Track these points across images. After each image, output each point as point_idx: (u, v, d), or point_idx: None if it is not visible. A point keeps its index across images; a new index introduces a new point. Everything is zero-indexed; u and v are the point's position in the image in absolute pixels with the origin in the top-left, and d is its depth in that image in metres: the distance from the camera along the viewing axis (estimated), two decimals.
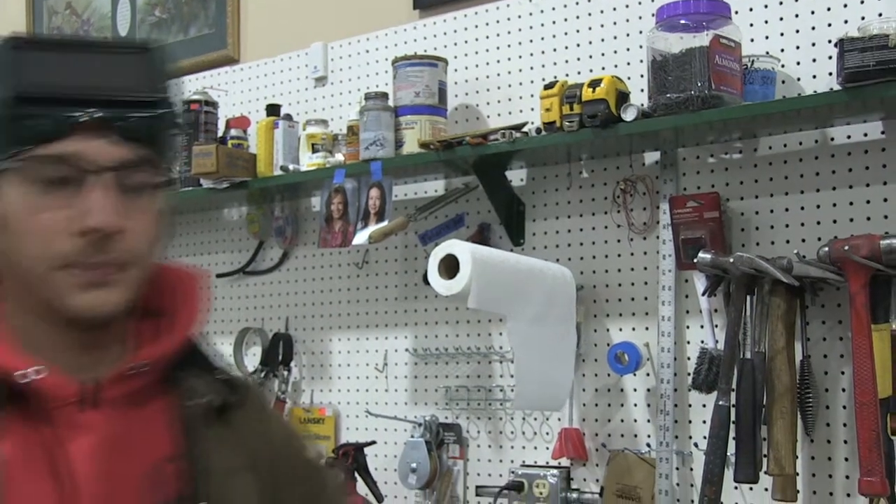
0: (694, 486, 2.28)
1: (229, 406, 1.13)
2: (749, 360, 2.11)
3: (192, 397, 1.11)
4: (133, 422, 1.07)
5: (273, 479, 1.14)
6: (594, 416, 2.45)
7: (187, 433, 1.09)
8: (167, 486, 1.06)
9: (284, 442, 1.20)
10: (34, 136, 1.00)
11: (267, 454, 1.15)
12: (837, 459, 2.12)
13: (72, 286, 1.01)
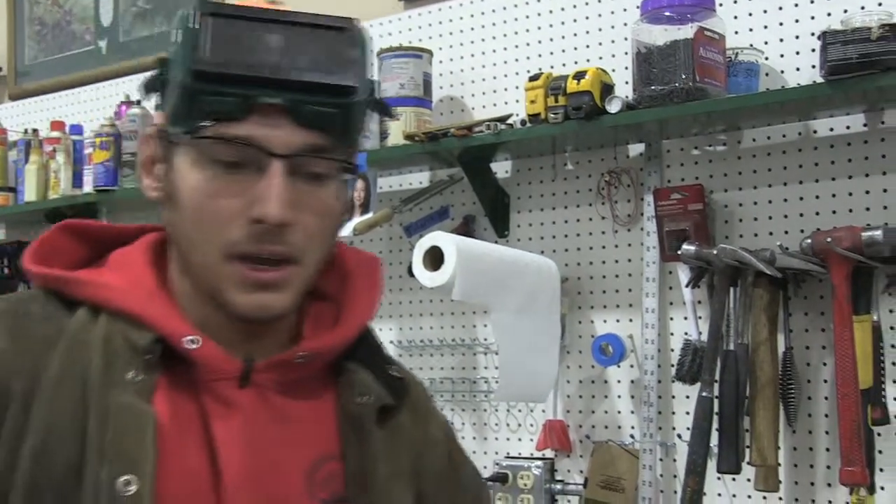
0: (677, 476, 2.29)
1: (398, 406, 1.06)
2: (732, 351, 2.12)
3: (363, 394, 1.04)
4: (292, 410, 1.02)
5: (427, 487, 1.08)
6: (578, 408, 2.46)
7: (354, 432, 1.02)
8: (326, 484, 1.01)
9: (445, 450, 1.14)
10: (213, 114, 0.94)
11: (426, 461, 1.09)
12: (819, 450, 2.14)
13: (239, 284, 0.96)
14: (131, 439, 0.91)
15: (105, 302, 0.98)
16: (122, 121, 3.13)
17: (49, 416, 0.91)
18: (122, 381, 0.93)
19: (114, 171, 3.09)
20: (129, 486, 0.89)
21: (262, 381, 1.00)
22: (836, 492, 2.09)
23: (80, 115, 3.45)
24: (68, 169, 3.22)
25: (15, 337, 0.95)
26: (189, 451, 0.96)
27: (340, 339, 1.05)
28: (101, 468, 0.89)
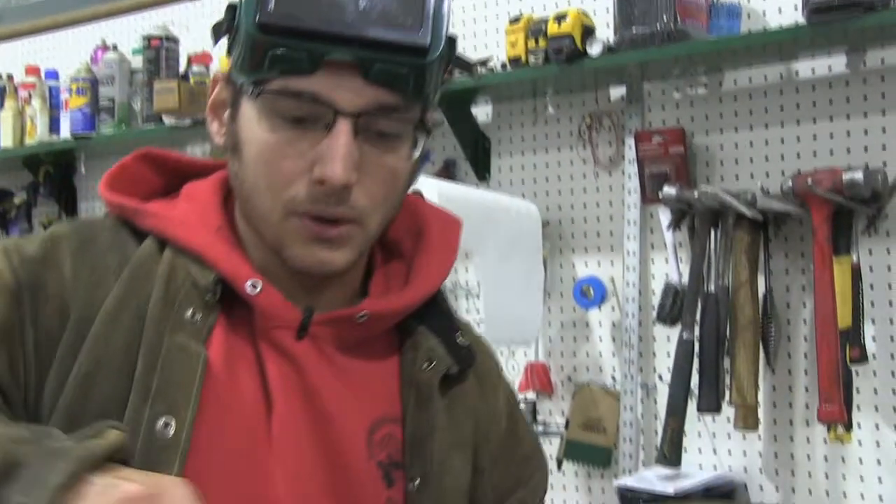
0: (658, 417, 2.32)
1: (463, 376, 1.02)
2: (713, 293, 2.14)
3: (429, 361, 1.00)
4: (352, 367, 0.98)
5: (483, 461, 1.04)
6: (560, 350, 2.48)
7: (416, 399, 0.98)
8: (383, 446, 0.97)
9: (506, 424, 1.08)
10: (279, 67, 0.90)
11: (487, 434, 1.04)
12: (798, 389, 2.16)
13: (299, 238, 0.93)
14: (178, 382, 0.89)
15: (171, 237, 0.96)
16: (98, 66, 3.09)
17: (102, 347, 0.90)
18: (180, 320, 0.92)
19: (91, 116, 3.06)
20: (167, 428, 0.87)
21: (322, 335, 0.97)
22: (814, 429, 2.12)
23: (55, 59, 3.40)
24: (44, 115, 3.18)
25: (78, 262, 0.94)
26: (242, 395, 0.93)
27: (406, 303, 1.01)
28: (144, 407, 0.88)
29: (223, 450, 0.91)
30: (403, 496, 0.97)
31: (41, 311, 0.91)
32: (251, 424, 0.93)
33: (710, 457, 2.25)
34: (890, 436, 2.06)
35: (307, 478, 0.93)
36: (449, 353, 1.01)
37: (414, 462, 0.97)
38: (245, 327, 0.95)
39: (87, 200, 3.38)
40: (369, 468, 0.96)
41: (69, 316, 0.91)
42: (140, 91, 3.01)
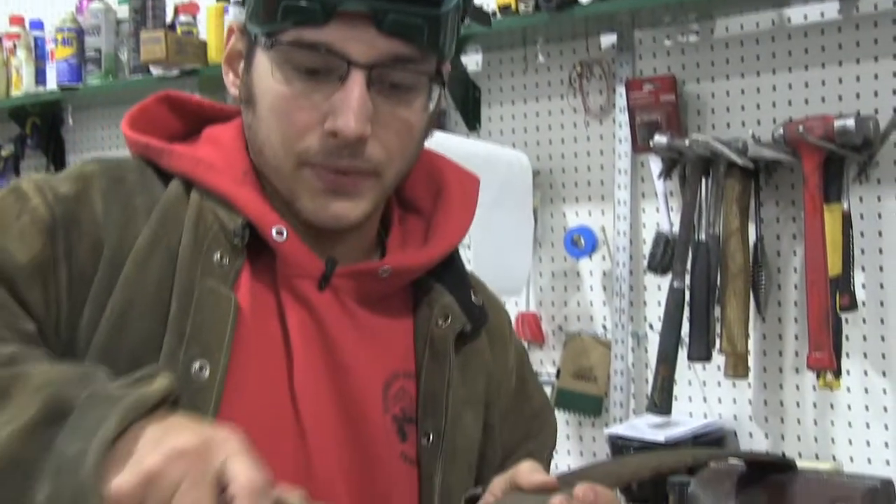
0: (648, 366, 2.33)
1: (477, 334, 1.02)
2: (704, 242, 2.14)
3: (444, 318, 0.99)
4: (370, 321, 0.98)
5: (493, 418, 1.04)
6: (550, 300, 2.48)
7: (431, 354, 0.98)
8: (397, 400, 0.98)
9: (516, 381, 1.09)
10: (292, 17, 0.89)
11: (498, 391, 1.05)
12: (788, 337, 2.17)
13: (312, 190, 0.93)
14: (211, 326, 0.89)
15: (199, 178, 0.95)
16: (84, 16, 3.05)
17: (134, 287, 0.90)
18: (210, 263, 0.92)
19: (77, 67, 3.03)
20: (202, 370, 0.88)
21: (342, 287, 0.97)
22: (803, 377, 2.13)
23: (39, 9, 3.36)
24: (30, 65, 3.15)
25: (109, 201, 0.93)
26: (265, 343, 0.94)
27: (427, 260, 1.00)
28: (179, 349, 0.88)
29: (251, 395, 0.92)
30: (416, 451, 0.98)
31: (75, 248, 0.90)
32: (274, 371, 0.94)
33: (701, 405, 2.26)
34: (878, 382, 2.07)
35: (326, 428, 0.94)
36: (463, 311, 1.01)
37: (427, 417, 0.98)
38: (268, 275, 0.95)
39: (76, 153, 3.36)
40: (385, 421, 0.97)
41: (102, 254, 0.91)
42: (126, 41, 2.98)
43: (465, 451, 1.00)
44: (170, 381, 0.76)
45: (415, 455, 0.98)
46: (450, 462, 0.98)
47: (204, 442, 0.70)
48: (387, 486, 0.96)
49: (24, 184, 0.94)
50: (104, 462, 0.68)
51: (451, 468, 0.98)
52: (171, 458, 0.68)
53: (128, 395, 0.73)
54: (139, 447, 0.69)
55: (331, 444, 0.94)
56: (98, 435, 0.69)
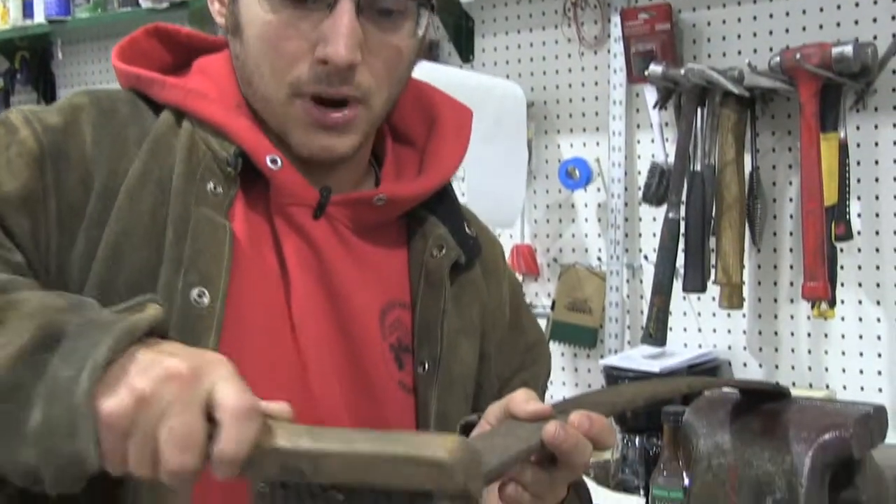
0: (643, 297, 2.33)
1: (471, 264, 1.03)
2: (699, 172, 2.13)
3: (438, 248, 1.00)
4: (365, 251, 0.99)
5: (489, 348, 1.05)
6: (545, 232, 2.48)
7: (426, 284, 0.99)
8: (392, 330, 0.99)
9: (510, 311, 1.09)
10: None
11: (493, 320, 1.06)
12: (783, 267, 2.17)
13: (303, 124, 0.93)
14: (208, 254, 0.89)
15: (191, 108, 0.95)
16: None
17: (128, 218, 0.89)
18: (204, 192, 0.91)
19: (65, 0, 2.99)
20: (202, 298, 0.88)
21: (337, 216, 0.97)
22: (798, 307, 2.14)
23: None
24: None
25: (99, 132, 0.93)
26: (262, 271, 0.94)
27: (421, 190, 1.01)
28: (177, 277, 0.88)
29: (250, 323, 0.92)
30: (413, 379, 0.99)
31: (64, 180, 0.90)
32: (272, 299, 0.94)
33: (695, 335, 2.27)
34: (872, 311, 2.07)
35: (325, 355, 0.95)
36: (457, 243, 1.02)
37: (423, 346, 0.99)
38: (262, 204, 0.95)
39: (66, 87, 3.33)
40: (383, 349, 0.98)
41: (93, 187, 0.90)
42: None
43: (461, 379, 1.00)
44: (161, 309, 0.76)
45: (412, 383, 0.98)
46: (446, 390, 0.99)
47: (194, 366, 0.70)
48: (386, 414, 0.97)
49: (12, 115, 0.93)
50: (96, 386, 0.68)
51: (447, 396, 0.99)
52: (161, 381, 0.69)
53: (120, 322, 0.73)
54: (130, 371, 0.70)
55: (330, 371, 0.94)
56: (90, 360, 0.69)
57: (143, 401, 0.68)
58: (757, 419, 1.15)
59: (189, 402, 0.68)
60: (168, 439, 0.68)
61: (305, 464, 0.67)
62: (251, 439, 0.67)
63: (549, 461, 0.85)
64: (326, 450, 0.66)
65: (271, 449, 0.68)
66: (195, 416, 0.68)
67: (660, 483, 1.73)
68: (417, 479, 0.64)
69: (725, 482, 1.12)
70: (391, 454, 0.65)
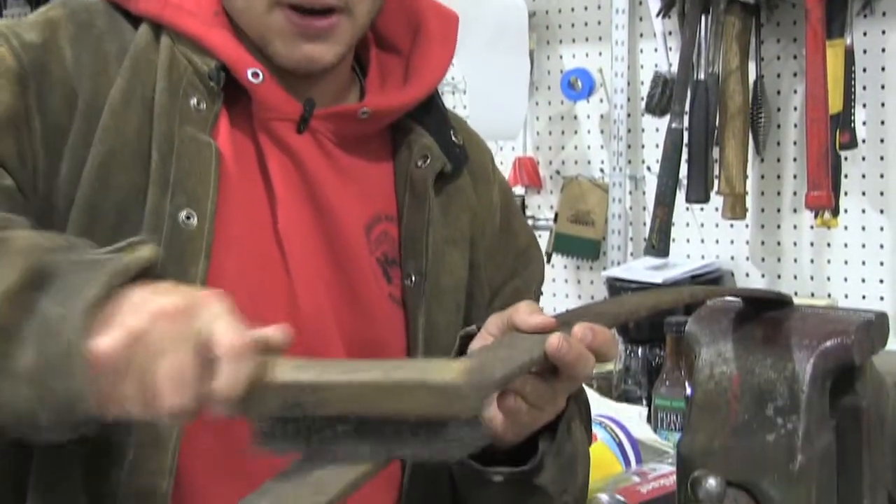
0: (646, 209, 2.32)
1: (459, 173, 1.02)
2: (703, 81, 2.10)
3: (424, 158, 0.99)
4: (350, 164, 0.97)
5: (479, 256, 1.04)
6: (548, 144, 2.46)
7: (412, 195, 0.98)
8: (378, 243, 0.97)
9: (501, 217, 1.08)
10: None
11: (482, 228, 1.05)
12: (786, 177, 2.16)
13: (284, 34, 0.91)
14: (195, 174, 0.88)
15: (169, 21, 0.93)
16: None
17: (113, 138, 0.88)
18: (187, 110, 0.90)
19: None
20: (190, 219, 0.87)
21: (321, 130, 0.96)
22: (801, 216, 2.13)
23: None
24: None
25: (78, 48, 0.91)
26: (248, 189, 0.93)
27: (406, 100, 0.99)
28: (164, 200, 0.87)
29: (237, 242, 0.91)
30: (402, 292, 0.98)
31: (47, 98, 0.88)
32: (259, 217, 0.93)
33: (698, 246, 2.27)
34: (875, 220, 2.07)
35: (313, 270, 0.94)
36: (443, 151, 1.00)
37: (409, 258, 0.98)
38: (245, 120, 0.94)
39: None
40: (371, 263, 0.97)
41: (76, 105, 0.89)
42: None
43: (451, 290, 1.00)
44: (155, 249, 0.75)
45: (401, 296, 0.98)
46: (435, 302, 0.98)
47: (189, 304, 0.69)
48: (376, 328, 0.97)
49: None
50: (89, 324, 0.67)
51: (436, 308, 0.98)
52: (155, 318, 0.68)
53: (113, 261, 0.72)
54: (124, 310, 0.69)
55: (319, 287, 0.94)
56: (83, 298, 0.68)
57: (136, 339, 0.67)
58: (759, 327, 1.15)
59: (184, 339, 0.67)
60: (163, 378, 0.67)
61: (307, 396, 0.65)
62: (247, 376, 0.66)
63: (550, 372, 0.85)
64: (329, 381, 0.65)
65: (271, 384, 0.67)
66: (190, 355, 0.67)
67: (662, 393, 1.75)
68: (427, 406, 0.63)
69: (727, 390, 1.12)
70: (398, 381, 0.64)
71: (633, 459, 1.54)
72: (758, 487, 1.06)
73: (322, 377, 0.66)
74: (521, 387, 0.85)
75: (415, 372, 0.64)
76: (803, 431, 1.07)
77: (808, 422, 1.08)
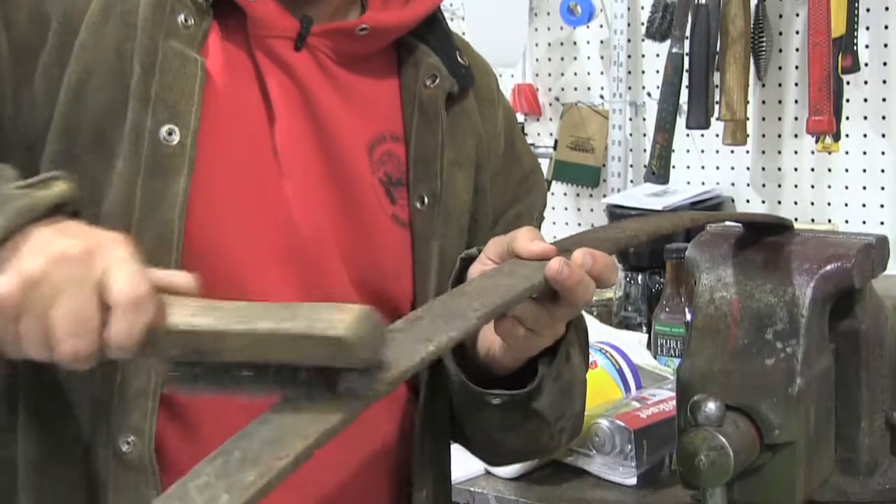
0: (646, 135, 2.31)
1: (465, 94, 1.01)
2: (704, 5, 2.08)
3: (434, 78, 0.97)
4: (352, 82, 0.95)
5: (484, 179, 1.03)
6: (547, 71, 2.44)
7: (421, 116, 0.97)
8: (381, 164, 0.96)
9: (505, 140, 1.07)
10: None
11: (487, 150, 1.03)
12: (787, 102, 2.15)
13: None
14: (179, 88, 0.86)
15: None
16: None
17: (91, 54, 0.86)
18: (174, 25, 0.88)
19: None
20: (171, 136, 0.85)
21: (320, 47, 0.94)
22: (801, 141, 2.12)
23: None
24: None
25: None
26: (243, 105, 0.91)
27: (407, 18, 0.97)
28: (145, 116, 0.86)
29: (230, 160, 0.89)
30: (408, 214, 0.97)
31: (12, 18, 0.86)
32: (255, 135, 0.91)
33: (698, 173, 2.26)
34: (877, 144, 2.06)
35: (314, 190, 0.93)
36: (450, 72, 0.98)
37: (421, 181, 0.97)
38: (240, 37, 0.92)
39: None
40: (373, 183, 0.95)
41: (49, 24, 0.86)
42: None
43: (457, 214, 0.99)
44: (69, 187, 0.73)
45: (407, 218, 0.97)
46: (444, 225, 0.98)
47: (90, 248, 0.68)
48: (378, 248, 0.96)
49: None
50: None
51: (445, 231, 0.98)
52: (53, 262, 0.67)
53: (21, 198, 0.70)
54: (22, 251, 0.68)
55: (319, 206, 0.93)
56: None
57: (32, 282, 0.66)
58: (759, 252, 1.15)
59: (81, 284, 0.66)
60: (60, 322, 0.66)
61: (205, 344, 0.65)
62: (142, 324, 0.66)
63: (549, 298, 0.85)
64: (225, 329, 0.65)
65: (168, 331, 0.66)
66: (87, 300, 0.66)
67: (662, 319, 1.75)
68: (318, 356, 0.63)
69: (727, 315, 1.13)
70: (290, 332, 0.63)
71: (632, 385, 1.55)
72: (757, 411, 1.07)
73: (219, 325, 0.65)
74: (520, 311, 0.85)
75: (308, 321, 0.64)
76: (802, 355, 1.08)
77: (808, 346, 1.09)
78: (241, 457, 0.59)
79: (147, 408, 0.85)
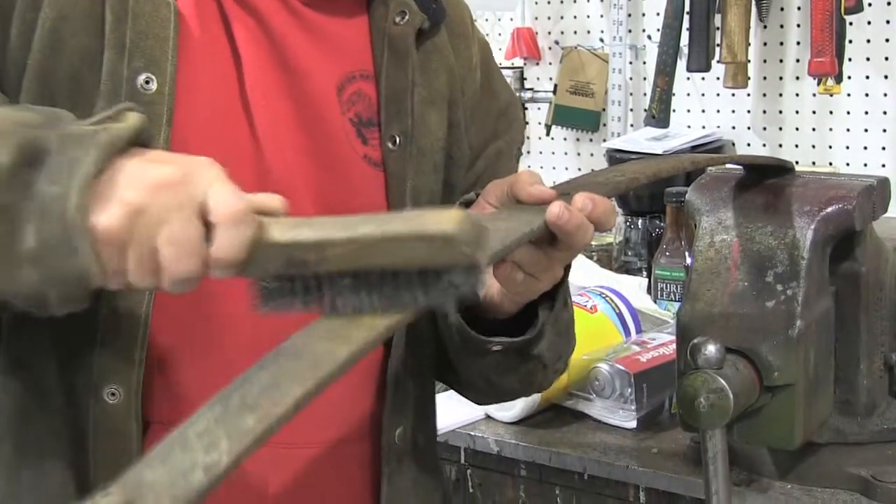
0: (647, 79, 2.29)
1: (436, 30, 0.99)
2: None
3: (403, 14, 0.96)
4: (320, 21, 0.94)
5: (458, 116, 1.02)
6: (546, 14, 2.42)
7: (391, 53, 0.95)
8: (351, 104, 0.95)
9: (480, 75, 1.05)
10: None
11: (462, 87, 1.02)
12: (789, 44, 2.13)
13: None
14: (152, 35, 0.85)
15: None
16: None
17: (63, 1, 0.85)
18: None
19: None
20: (149, 84, 0.85)
21: None
22: (803, 84, 2.11)
23: None
24: None
25: None
26: (212, 52, 0.90)
27: None
28: (121, 64, 0.85)
29: (203, 107, 0.89)
30: (380, 154, 0.96)
31: None
32: (225, 80, 0.90)
33: (699, 116, 2.25)
34: (879, 86, 2.05)
35: (283, 133, 0.92)
36: (420, 8, 0.97)
37: (392, 120, 0.95)
38: None
39: None
40: (343, 124, 0.94)
41: None
42: None
43: (430, 152, 0.98)
44: (142, 117, 0.73)
45: (379, 158, 0.95)
46: (418, 165, 0.96)
47: (184, 172, 0.69)
48: (350, 190, 0.94)
49: None
50: (87, 201, 0.67)
51: (419, 171, 0.97)
52: (154, 190, 0.67)
53: (102, 133, 0.70)
54: (121, 183, 0.68)
55: (288, 150, 0.92)
56: (77, 175, 0.67)
57: (136, 212, 0.67)
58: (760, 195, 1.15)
59: (183, 207, 0.67)
60: (167, 247, 0.67)
61: (309, 254, 0.66)
62: (248, 239, 0.67)
63: (547, 242, 0.85)
64: (329, 237, 0.65)
65: (271, 244, 0.67)
66: (191, 222, 0.67)
67: (662, 264, 1.75)
68: (425, 255, 0.64)
69: (727, 258, 1.13)
70: (396, 233, 0.64)
71: (632, 329, 1.55)
72: (757, 353, 1.07)
73: (322, 234, 0.66)
74: (519, 255, 0.85)
75: (412, 223, 0.64)
76: (803, 297, 1.08)
77: (808, 288, 1.08)
78: (239, 402, 0.59)
79: (134, 358, 0.85)
